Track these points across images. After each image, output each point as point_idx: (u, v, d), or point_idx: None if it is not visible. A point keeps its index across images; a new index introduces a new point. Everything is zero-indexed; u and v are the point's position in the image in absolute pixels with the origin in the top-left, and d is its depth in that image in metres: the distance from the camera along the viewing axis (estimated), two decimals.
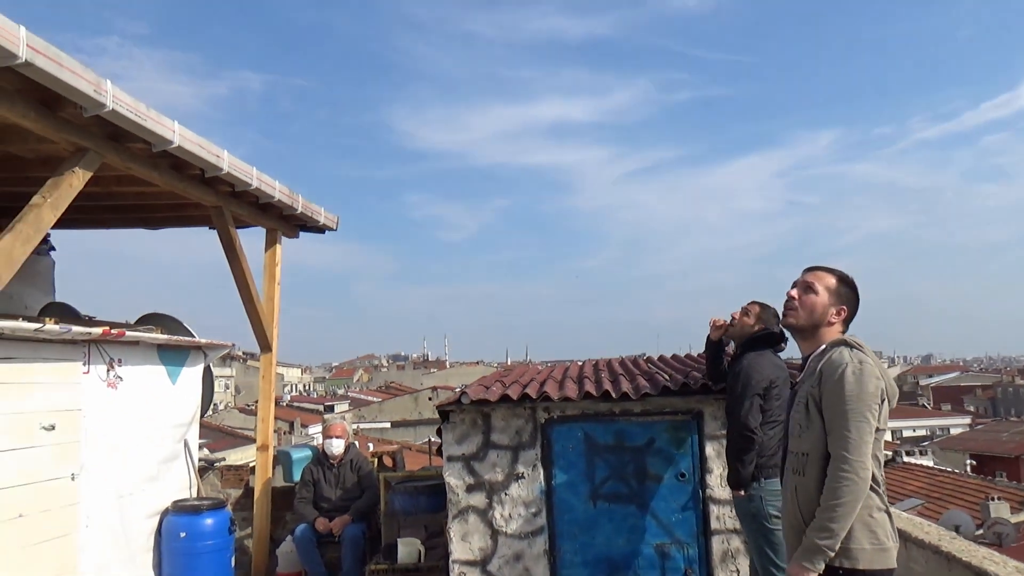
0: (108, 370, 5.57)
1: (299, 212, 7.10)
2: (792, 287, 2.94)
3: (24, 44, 3.57)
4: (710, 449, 5.43)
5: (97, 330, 5.23)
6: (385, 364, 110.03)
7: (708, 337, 5.08)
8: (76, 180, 4.44)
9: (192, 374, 6.71)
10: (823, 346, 2.80)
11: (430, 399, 41.03)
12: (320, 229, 7.98)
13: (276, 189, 6.49)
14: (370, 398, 47.39)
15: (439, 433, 5.68)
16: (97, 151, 4.64)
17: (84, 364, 5.35)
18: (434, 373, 72.36)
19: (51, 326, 4.67)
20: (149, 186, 5.91)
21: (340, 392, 64.63)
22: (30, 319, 4.92)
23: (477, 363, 79.17)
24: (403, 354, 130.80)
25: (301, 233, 7.94)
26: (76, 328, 4.92)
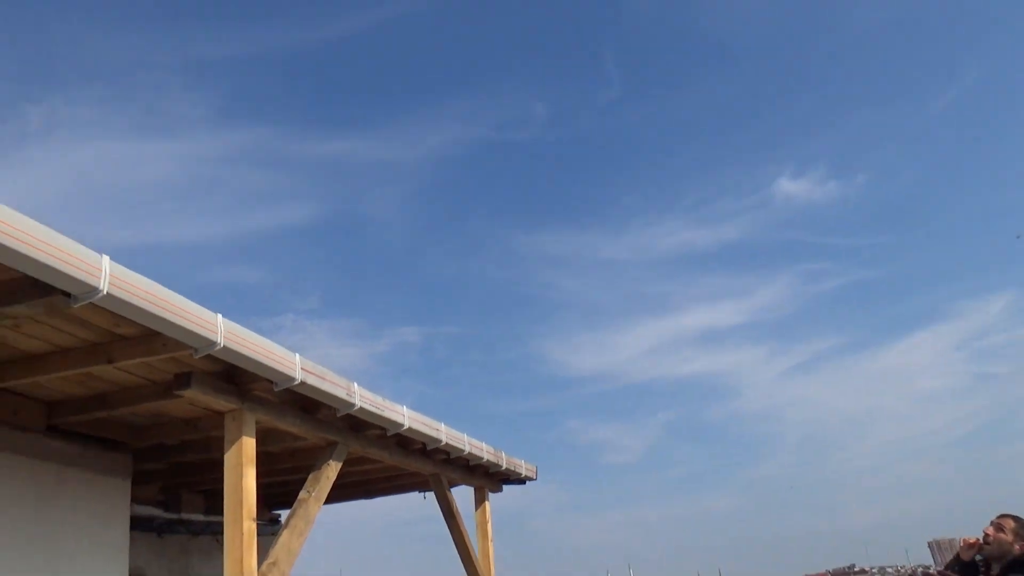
0: None
1: (503, 468, 7.49)
2: None
3: (299, 367, 4.32)
4: None
5: None
6: None
7: (957, 555, 4.80)
8: (331, 471, 5.04)
9: None
10: None
11: None
12: (521, 480, 8.30)
13: (484, 450, 6.95)
14: None
15: None
16: (344, 443, 5.28)
17: None
18: None
19: None
20: (376, 463, 6.52)
21: None
22: None
23: None
24: None
25: (504, 487, 8.29)
26: None
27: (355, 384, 4.90)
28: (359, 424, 5.40)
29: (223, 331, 3.74)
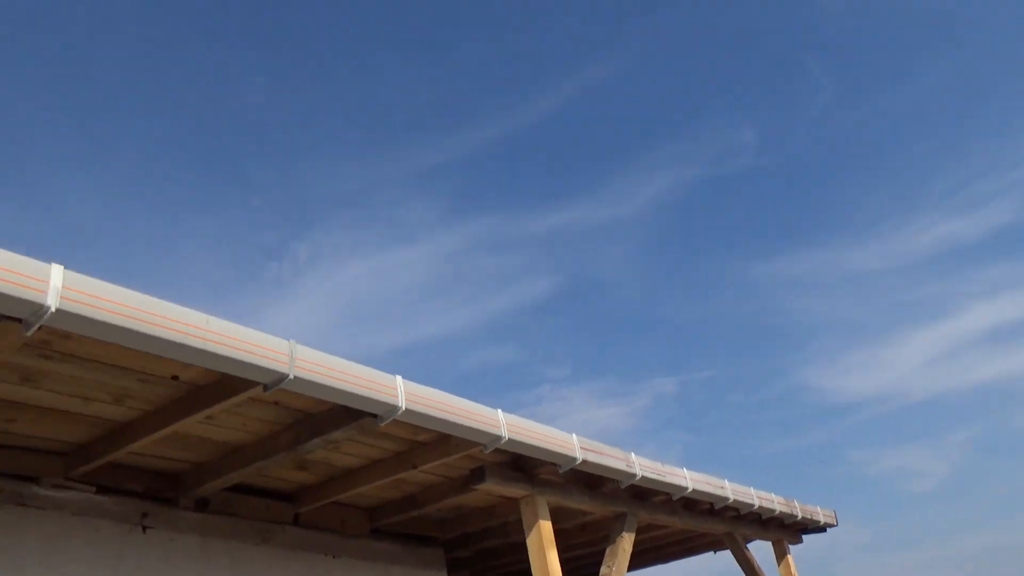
0: None
1: (799, 518, 7.13)
2: None
3: (578, 447, 4.51)
4: None
5: None
6: None
7: None
8: (626, 543, 5.14)
9: None
10: None
11: None
12: (821, 528, 7.83)
13: (774, 502, 6.68)
14: None
15: None
16: (632, 513, 5.36)
17: None
18: None
19: None
20: (665, 528, 6.51)
21: None
22: None
23: None
24: None
25: (803, 537, 7.85)
26: None
27: (632, 454, 4.99)
28: (643, 492, 5.46)
29: (505, 425, 4.03)
